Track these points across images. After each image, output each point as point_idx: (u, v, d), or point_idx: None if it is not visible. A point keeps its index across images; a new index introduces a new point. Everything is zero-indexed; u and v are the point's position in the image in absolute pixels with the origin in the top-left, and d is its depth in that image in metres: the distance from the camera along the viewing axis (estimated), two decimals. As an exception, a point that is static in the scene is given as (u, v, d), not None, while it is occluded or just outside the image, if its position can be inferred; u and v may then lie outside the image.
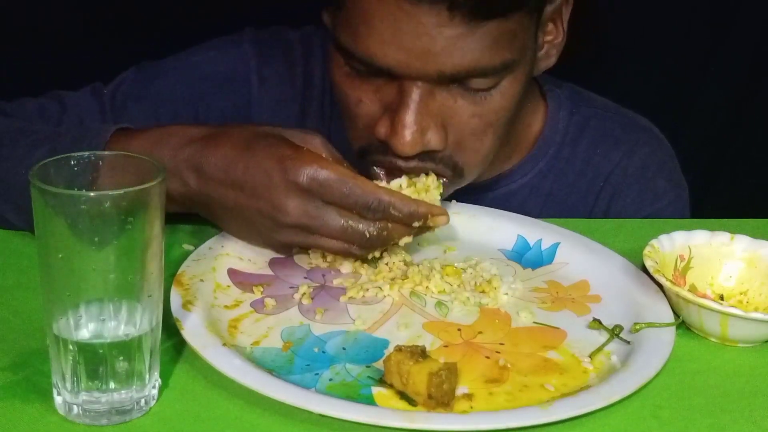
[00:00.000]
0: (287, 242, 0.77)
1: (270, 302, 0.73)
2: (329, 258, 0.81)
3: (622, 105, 1.06)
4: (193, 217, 0.82)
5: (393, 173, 0.82)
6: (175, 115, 0.97)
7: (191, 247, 0.79)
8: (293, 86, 1.01)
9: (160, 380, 0.61)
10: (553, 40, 0.88)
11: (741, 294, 0.78)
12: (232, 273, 0.77)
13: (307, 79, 1.00)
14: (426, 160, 0.82)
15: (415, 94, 0.77)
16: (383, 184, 0.78)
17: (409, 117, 0.78)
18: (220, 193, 0.75)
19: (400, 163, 0.81)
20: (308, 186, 0.73)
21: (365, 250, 0.77)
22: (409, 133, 0.78)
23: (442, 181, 0.81)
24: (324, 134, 0.80)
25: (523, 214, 0.92)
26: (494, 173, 0.98)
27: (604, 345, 0.70)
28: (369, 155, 0.84)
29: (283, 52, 1.01)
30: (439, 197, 0.80)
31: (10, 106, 0.92)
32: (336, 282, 0.78)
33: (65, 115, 0.94)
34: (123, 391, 0.58)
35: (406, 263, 0.80)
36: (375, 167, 0.83)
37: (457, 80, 0.78)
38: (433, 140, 0.80)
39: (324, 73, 1.00)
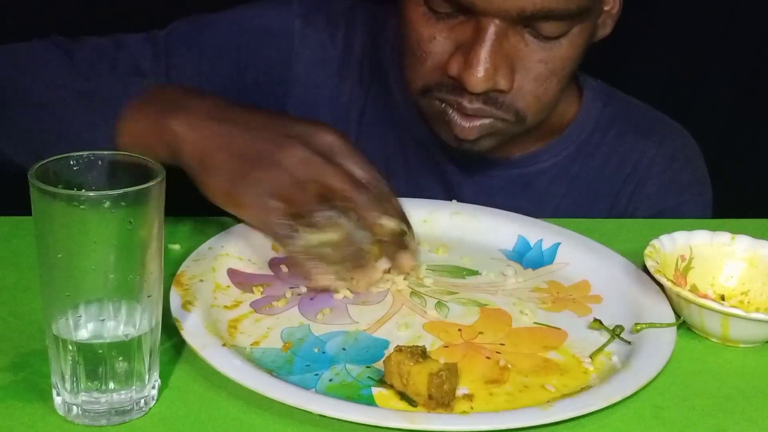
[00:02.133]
0: (273, 186, 0.72)
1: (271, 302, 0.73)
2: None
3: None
4: (193, 217, 0.82)
5: (461, 109, 0.85)
6: (216, 64, 0.98)
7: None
8: (334, 48, 1.01)
9: (159, 380, 0.61)
10: (610, 10, 0.91)
11: (742, 294, 0.78)
12: (232, 273, 0.77)
13: (347, 44, 1.02)
14: (489, 103, 0.85)
15: (491, 32, 0.81)
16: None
17: (484, 53, 0.81)
18: (229, 130, 0.73)
19: (465, 103, 0.85)
20: (325, 145, 0.72)
21: (342, 229, 0.72)
22: (482, 69, 0.81)
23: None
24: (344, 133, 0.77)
25: (549, 193, 0.93)
26: (525, 151, 1.00)
27: (604, 345, 0.70)
28: (432, 92, 0.87)
29: (327, 16, 1.02)
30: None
31: (71, 43, 0.93)
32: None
33: (120, 53, 0.95)
34: (123, 392, 0.58)
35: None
36: None
37: (533, 20, 0.81)
38: (502, 81, 0.83)
39: (365, 41, 1.01)
